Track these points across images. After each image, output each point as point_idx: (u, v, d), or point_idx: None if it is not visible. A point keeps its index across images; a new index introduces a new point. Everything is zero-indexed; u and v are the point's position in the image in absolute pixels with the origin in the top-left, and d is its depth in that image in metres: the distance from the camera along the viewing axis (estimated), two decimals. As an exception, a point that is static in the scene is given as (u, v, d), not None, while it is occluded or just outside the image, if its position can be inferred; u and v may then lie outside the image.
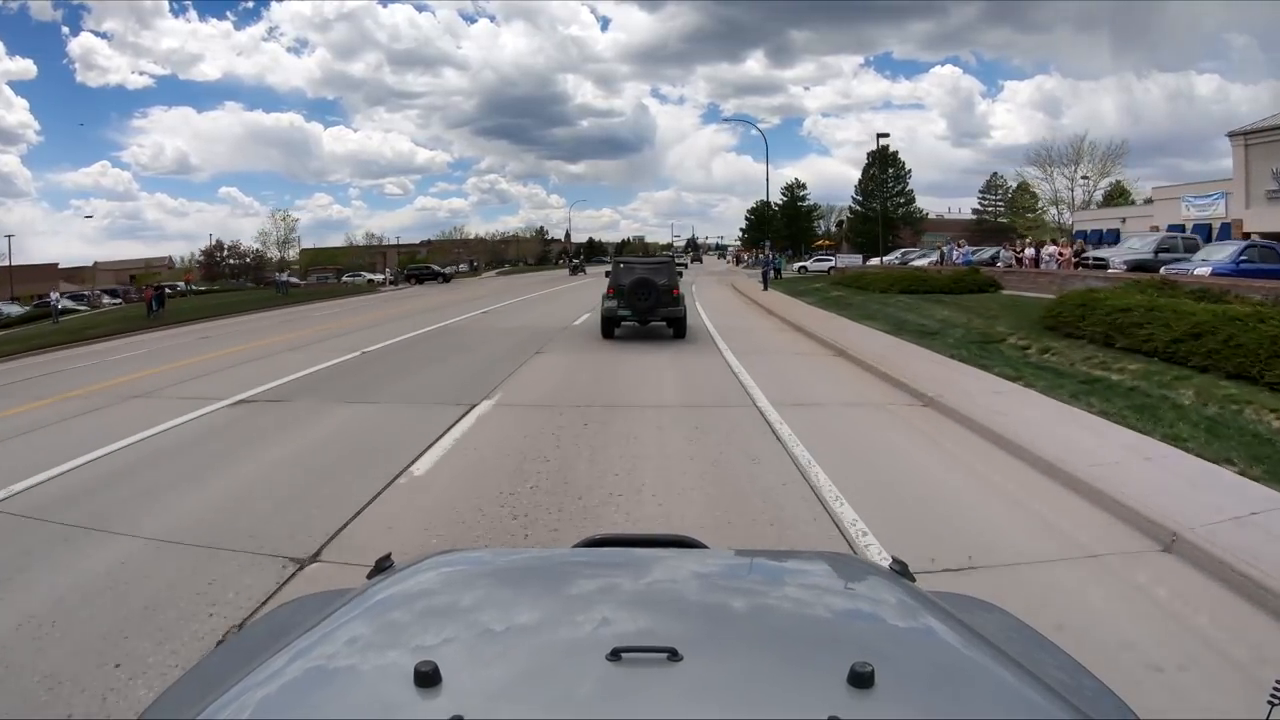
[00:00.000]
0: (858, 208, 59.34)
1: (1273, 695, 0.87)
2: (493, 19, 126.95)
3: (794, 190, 71.37)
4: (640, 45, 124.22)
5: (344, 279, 55.38)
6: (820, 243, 69.29)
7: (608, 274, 14.92)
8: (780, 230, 68.77)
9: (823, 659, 0.92)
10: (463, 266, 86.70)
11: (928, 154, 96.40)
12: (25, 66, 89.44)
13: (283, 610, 1.47)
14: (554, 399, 7.96)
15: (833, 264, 50.95)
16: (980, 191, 62.80)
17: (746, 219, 71.88)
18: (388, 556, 1.41)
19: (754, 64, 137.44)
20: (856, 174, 67.43)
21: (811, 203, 71.71)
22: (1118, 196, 50.54)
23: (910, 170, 58.07)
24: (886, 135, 38.01)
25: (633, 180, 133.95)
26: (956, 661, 1.00)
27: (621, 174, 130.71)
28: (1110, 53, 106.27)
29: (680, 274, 15.92)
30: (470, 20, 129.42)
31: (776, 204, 70.12)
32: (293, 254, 57.04)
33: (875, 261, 39.28)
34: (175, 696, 1.13)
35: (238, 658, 1.09)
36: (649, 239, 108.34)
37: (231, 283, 49.55)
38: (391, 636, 1.04)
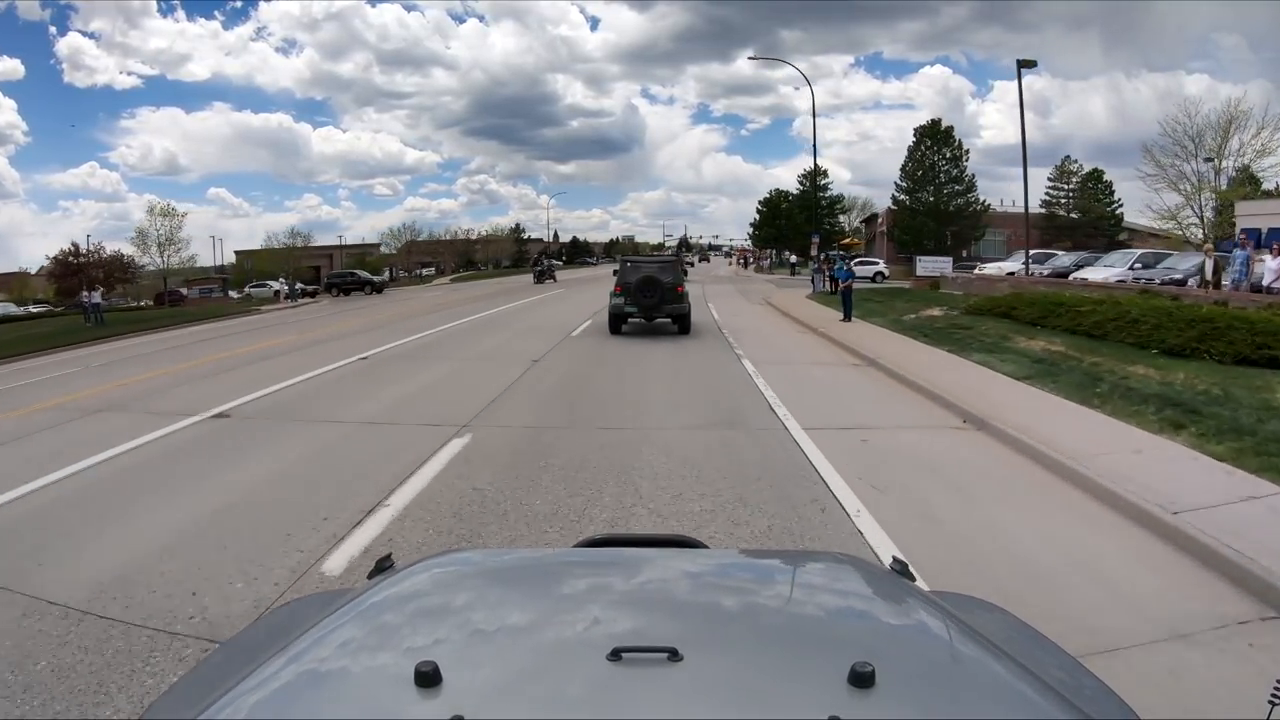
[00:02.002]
0: (903, 198, 47.32)
1: (1273, 695, 0.87)
2: (482, 19, 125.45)
3: (813, 177, 59.06)
4: (630, 45, 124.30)
5: (247, 290, 42.73)
6: (848, 242, 57.40)
7: (616, 272, 14.62)
8: (799, 225, 56.72)
9: (823, 659, 0.91)
10: (429, 270, 75.81)
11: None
12: (12, 67, 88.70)
13: (283, 611, 1.45)
14: None
15: (879, 269, 39.02)
16: (1049, 179, 51.04)
17: (758, 211, 59.73)
18: (388, 557, 1.40)
19: (744, 64, 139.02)
20: (847, 174, 56.01)
21: (835, 193, 59.67)
22: (1245, 183, 38.72)
23: (968, 151, 46.16)
24: (1031, 64, 23.93)
25: (623, 180, 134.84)
26: (957, 661, 0.99)
27: (611, 174, 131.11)
28: (1100, 52, 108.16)
29: (686, 273, 15.41)
30: (459, 20, 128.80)
31: (792, 194, 58.16)
32: (179, 258, 44.27)
33: (995, 270, 26.77)
34: (176, 697, 1.11)
35: (238, 658, 1.08)
36: (639, 239, 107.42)
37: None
38: (392, 637, 1.03)
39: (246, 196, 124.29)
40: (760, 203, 59.14)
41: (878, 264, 39.87)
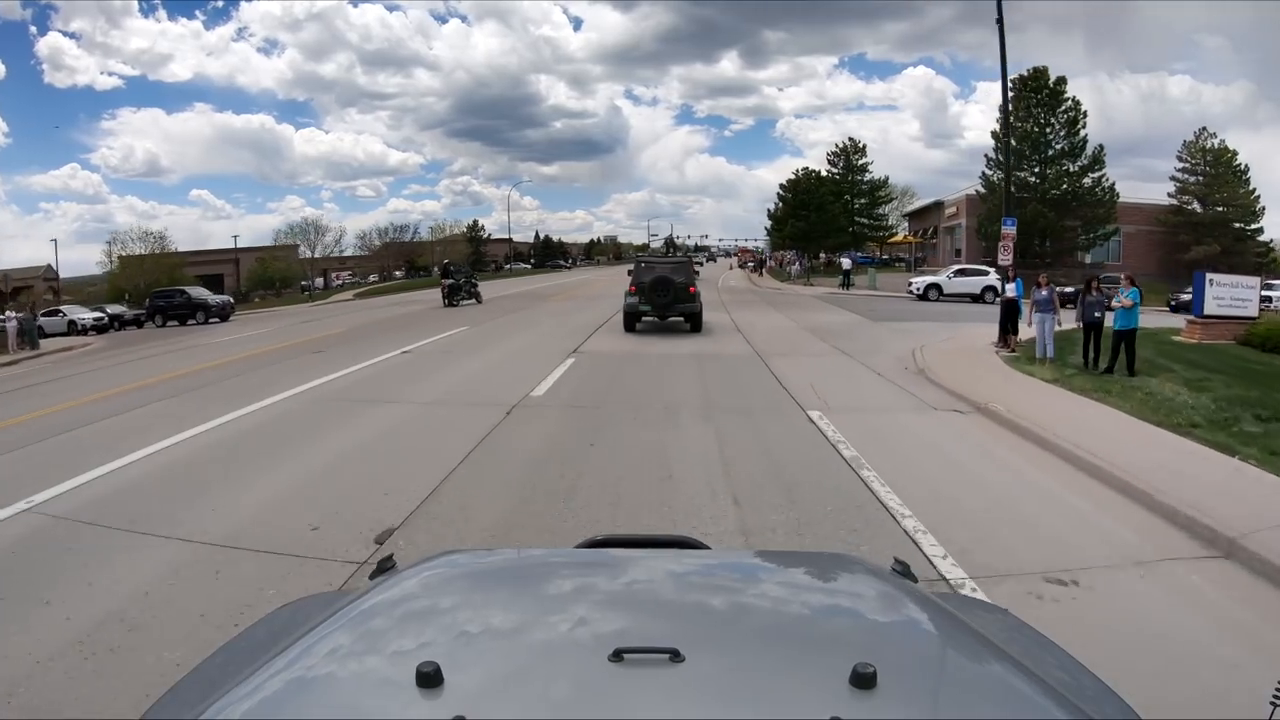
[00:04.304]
0: (996, 175, 33.49)
1: (1275, 696, 0.88)
2: (464, 19, 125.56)
3: (848, 155, 45.19)
4: (614, 46, 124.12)
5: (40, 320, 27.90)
6: (904, 239, 43.94)
7: (630, 272, 14.91)
8: (834, 217, 42.89)
9: (825, 659, 0.91)
10: (370, 276, 62.03)
11: (901, 155, 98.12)
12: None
13: (284, 611, 1.39)
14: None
15: (989, 283, 25.29)
16: (1179, 157, 37.56)
17: (780, 197, 45.22)
18: (389, 557, 1.41)
19: (728, 64, 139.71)
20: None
21: (877, 176, 45.55)
22: None
23: (1086, 112, 32.41)
24: None
25: (606, 182, 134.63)
26: (959, 662, 0.99)
27: (595, 175, 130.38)
28: (1084, 53, 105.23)
29: (697, 272, 15.27)
30: (442, 20, 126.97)
31: (822, 175, 44.10)
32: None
33: None
34: (176, 697, 1.09)
35: (239, 658, 1.08)
36: (622, 239, 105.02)
37: None
38: (393, 637, 1.02)
39: (229, 198, 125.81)
40: (782, 188, 44.79)
41: (988, 274, 26.04)
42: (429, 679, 0.82)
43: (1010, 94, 32.37)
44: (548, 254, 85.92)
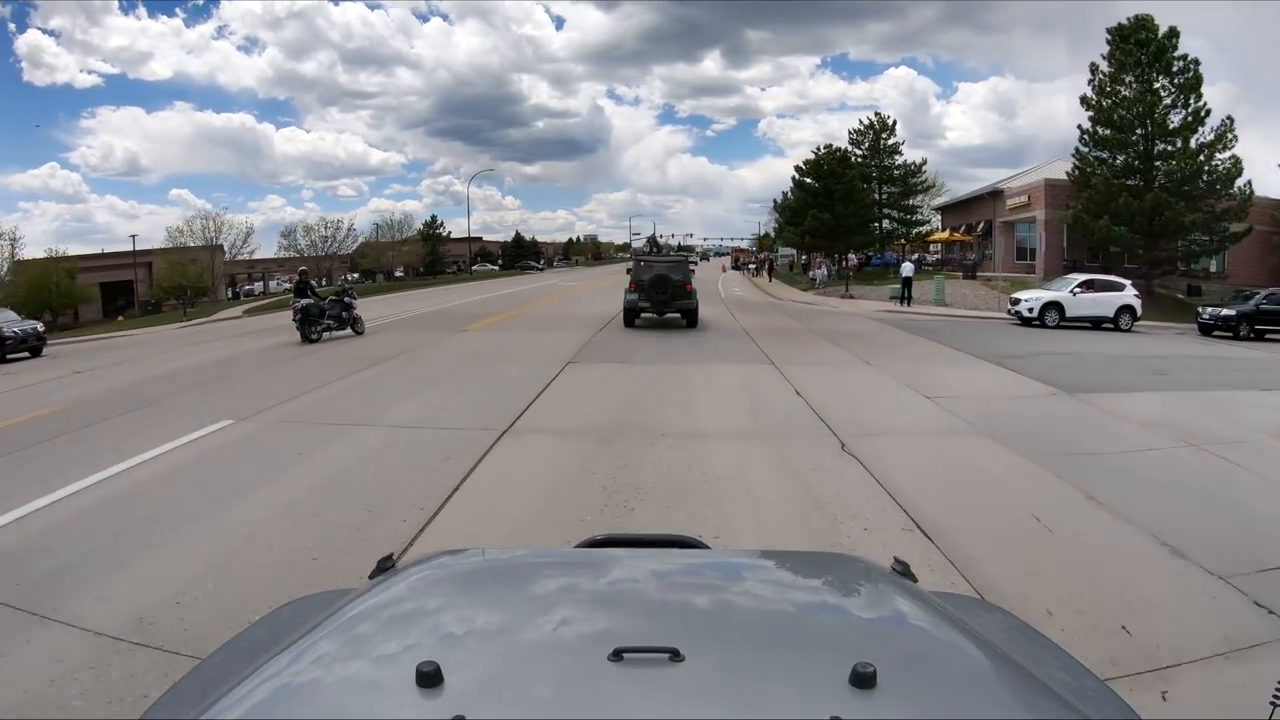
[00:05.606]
0: (1099, 154, 25.69)
1: (1275, 696, 0.88)
2: (446, 18, 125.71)
3: (876, 133, 37.28)
4: (596, 45, 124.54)
5: None
6: (947, 236, 36.30)
7: (629, 271, 15.92)
8: (864, 208, 35.12)
9: (825, 659, 0.91)
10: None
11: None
12: (-40, 63, 67.44)
13: (284, 610, 1.38)
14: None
15: (1127, 301, 17.66)
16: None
17: (796, 180, 36.63)
18: (389, 556, 1.39)
19: (710, 64, 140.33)
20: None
21: (911, 159, 37.69)
22: None
23: (1201, 76, 24.77)
24: None
25: (588, 182, 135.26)
26: (959, 662, 0.98)
27: (576, 175, 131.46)
28: (1066, 54, 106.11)
29: (693, 272, 15.88)
30: (423, 19, 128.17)
31: (846, 154, 36.17)
32: None
33: None
34: (176, 697, 1.08)
35: (239, 658, 1.07)
36: (603, 239, 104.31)
37: None
38: (393, 636, 1.01)
39: (209, 198, 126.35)
40: (799, 170, 35.98)
41: (1123, 288, 18.29)
42: (429, 679, 0.81)
43: (1107, 45, 24.72)
44: (519, 254, 77.59)
